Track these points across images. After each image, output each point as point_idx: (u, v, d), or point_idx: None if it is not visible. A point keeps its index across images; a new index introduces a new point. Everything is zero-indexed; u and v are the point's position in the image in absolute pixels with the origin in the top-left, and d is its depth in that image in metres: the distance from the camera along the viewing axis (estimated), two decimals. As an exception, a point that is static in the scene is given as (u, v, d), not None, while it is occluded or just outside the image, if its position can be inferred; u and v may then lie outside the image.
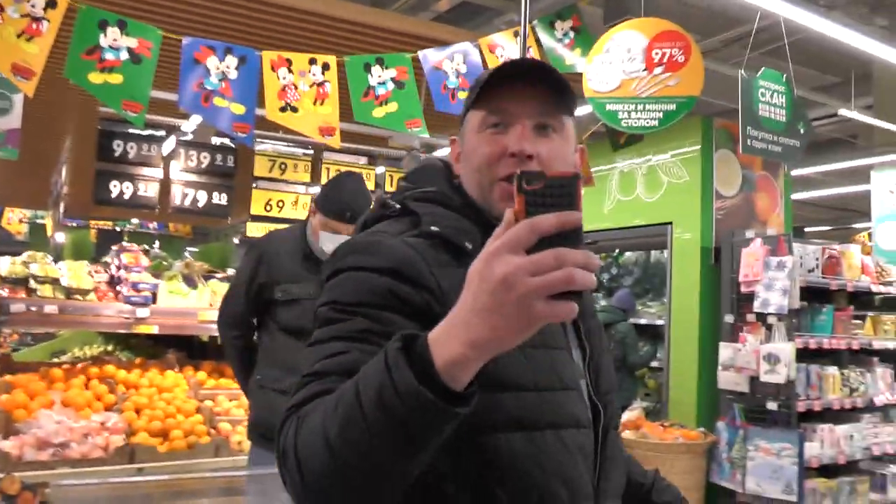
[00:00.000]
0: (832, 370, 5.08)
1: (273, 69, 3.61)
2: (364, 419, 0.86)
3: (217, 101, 3.46)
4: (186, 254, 10.97)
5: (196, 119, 5.06)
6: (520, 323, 0.79)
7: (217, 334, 3.98)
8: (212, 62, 3.46)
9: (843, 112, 6.42)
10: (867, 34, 4.57)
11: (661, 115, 3.69)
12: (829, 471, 4.99)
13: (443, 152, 8.50)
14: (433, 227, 1.16)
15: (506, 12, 7.75)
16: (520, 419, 1.09)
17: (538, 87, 1.20)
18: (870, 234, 7.98)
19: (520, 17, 4.21)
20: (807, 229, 15.38)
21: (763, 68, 4.18)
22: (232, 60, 3.50)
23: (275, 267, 3.05)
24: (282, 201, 5.24)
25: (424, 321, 1.01)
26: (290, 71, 3.65)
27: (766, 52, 6.86)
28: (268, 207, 5.20)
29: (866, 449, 5.17)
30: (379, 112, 3.99)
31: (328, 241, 3.00)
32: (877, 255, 6.98)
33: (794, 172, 7.03)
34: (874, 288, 5.44)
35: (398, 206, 1.25)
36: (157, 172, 5.22)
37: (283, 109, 3.64)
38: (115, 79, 3.30)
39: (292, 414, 1.00)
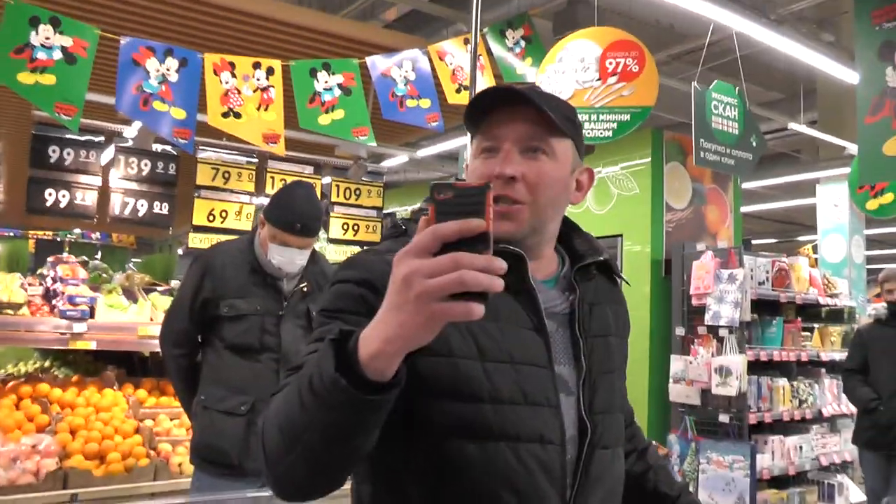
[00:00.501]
0: (782, 382, 5.11)
1: (215, 73, 3.48)
2: (301, 402, 0.96)
3: (157, 104, 3.32)
4: (130, 266, 10.66)
5: (137, 125, 4.87)
6: (421, 320, 0.85)
7: (158, 350, 3.77)
8: (151, 64, 3.32)
9: (793, 126, 6.51)
10: (815, 49, 4.61)
11: (615, 125, 3.65)
12: (779, 482, 5.00)
13: (390, 162, 8.39)
14: None
15: (455, 22, 7.69)
16: (472, 429, 1.14)
17: (525, 110, 1.24)
18: (814, 247, 8.10)
19: (469, 28, 4.16)
20: (753, 242, 15.65)
21: (716, 80, 4.18)
22: (172, 62, 3.36)
23: (220, 281, 2.90)
24: (225, 211, 5.06)
25: None
26: (233, 75, 3.52)
27: (712, 67, 6.93)
28: (211, 217, 5.01)
29: (814, 459, 5.21)
30: (325, 119, 3.89)
31: (277, 254, 2.87)
32: (822, 268, 7.08)
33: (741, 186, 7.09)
34: (822, 300, 5.50)
35: (403, 226, 1.34)
36: (96, 180, 5.00)
37: (225, 115, 3.51)
38: (48, 79, 3.14)
39: (270, 398, 1.11)
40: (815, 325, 5.66)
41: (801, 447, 5.11)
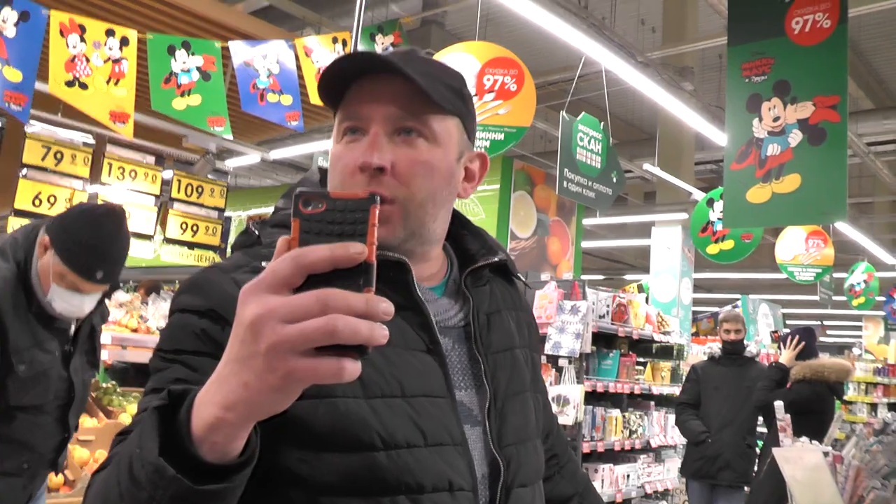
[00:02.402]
0: (615, 413, 5.26)
1: (62, 34, 3.08)
2: (120, 495, 0.72)
3: (-14, 61, 2.89)
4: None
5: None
6: (273, 381, 0.62)
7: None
8: (-16, 14, 2.89)
9: (648, 167, 6.88)
10: (676, 97, 4.85)
11: (487, 143, 3.61)
12: (606, 510, 5.13)
13: (235, 162, 7.95)
14: (263, 262, 0.95)
15: (315, 24, 7.51)
16: (362, 483, 0.92)
17: (394, 82, 1.00)
18: (639, 286, 8.53)
19: (331, 29, 4.00)
20: (583, 277, 16.40)
21: (583, 113, 4.26)
22: (11, 14, 2.93)
23: (6, 322, 2.16)
24: (54, 196, 4.52)
25: None
26: (82, 39, 3.13)
27: (551, 106, 7.15)
28: (37, 202, 4.45)
29: (640, 487, 5.41)
30: (180, 103, 3.58)
31: (61, 299, 2.20)
32: (654, 306, 7.44)
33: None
34: (656, 337, 5.74)
35: (255, 231, 1.07)
36: None
37: (70, 84, 3.10)
38: None
39: (93, 475, 0.85)
40: (647, 360, 5.90)
41: (628, 475, 5.29)
